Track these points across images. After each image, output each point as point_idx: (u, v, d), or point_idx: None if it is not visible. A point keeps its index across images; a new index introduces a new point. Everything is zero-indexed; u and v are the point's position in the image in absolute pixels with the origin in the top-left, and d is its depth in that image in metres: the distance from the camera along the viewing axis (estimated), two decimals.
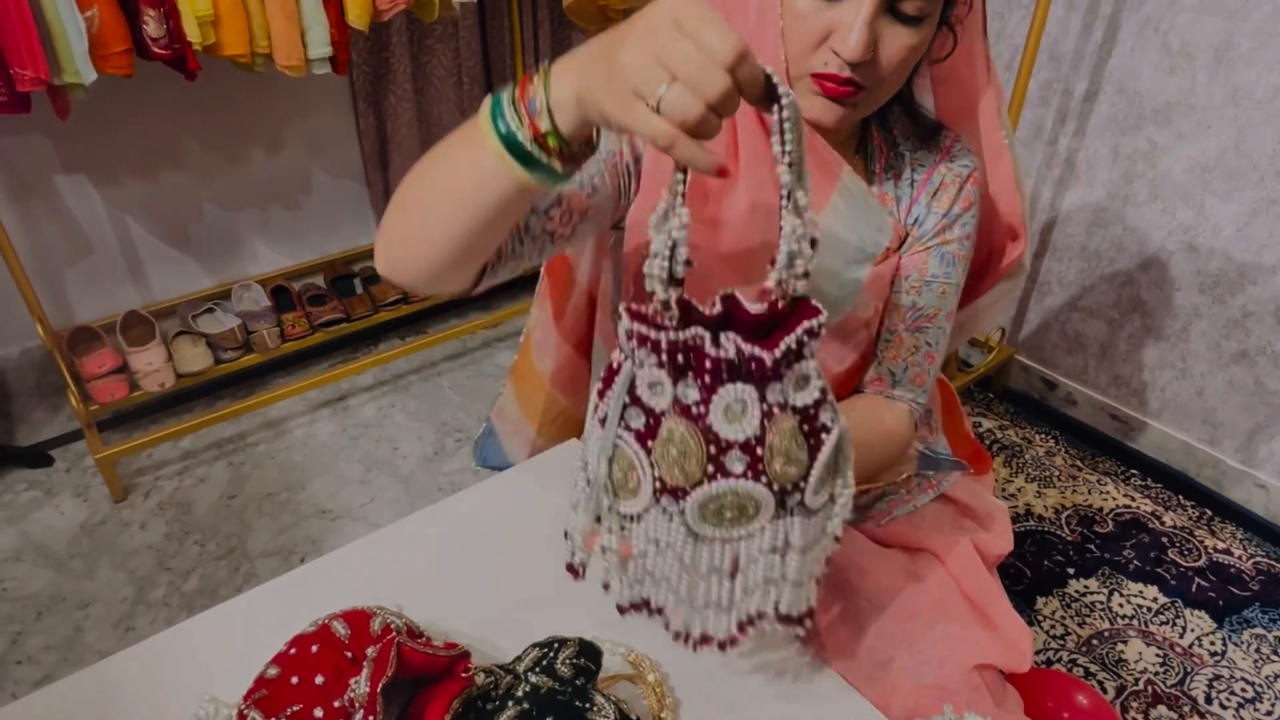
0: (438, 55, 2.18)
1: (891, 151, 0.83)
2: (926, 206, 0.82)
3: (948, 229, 0.82)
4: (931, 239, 0.83)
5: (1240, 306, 1.66)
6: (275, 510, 1.74)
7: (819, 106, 0.70)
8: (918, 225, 0.83)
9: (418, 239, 0.62)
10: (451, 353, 2.26)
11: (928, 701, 0.71)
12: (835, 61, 0.67)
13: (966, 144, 0.85)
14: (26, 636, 1.47)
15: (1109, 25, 1.69)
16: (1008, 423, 2.03)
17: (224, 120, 1.97)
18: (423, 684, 0.62)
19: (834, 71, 0.68)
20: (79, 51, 1.38)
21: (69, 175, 1.83)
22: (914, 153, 0.83)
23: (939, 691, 0.72)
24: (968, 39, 0.78)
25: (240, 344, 1.92)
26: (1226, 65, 1.55)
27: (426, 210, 0.61)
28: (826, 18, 0.67)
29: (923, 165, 0.83)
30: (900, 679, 0.73)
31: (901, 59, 0.68)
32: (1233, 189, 1.61)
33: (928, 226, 0.82)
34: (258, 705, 0.57)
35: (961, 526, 0.94)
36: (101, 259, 1.94)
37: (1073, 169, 1.85)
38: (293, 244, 2.22)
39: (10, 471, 1.81)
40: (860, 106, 0.71)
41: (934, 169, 0.83)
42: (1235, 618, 1.54)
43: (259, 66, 1.61)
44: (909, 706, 0.71)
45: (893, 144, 0.84)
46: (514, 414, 1.10)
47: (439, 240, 0.61)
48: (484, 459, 1.15)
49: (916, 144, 0.84)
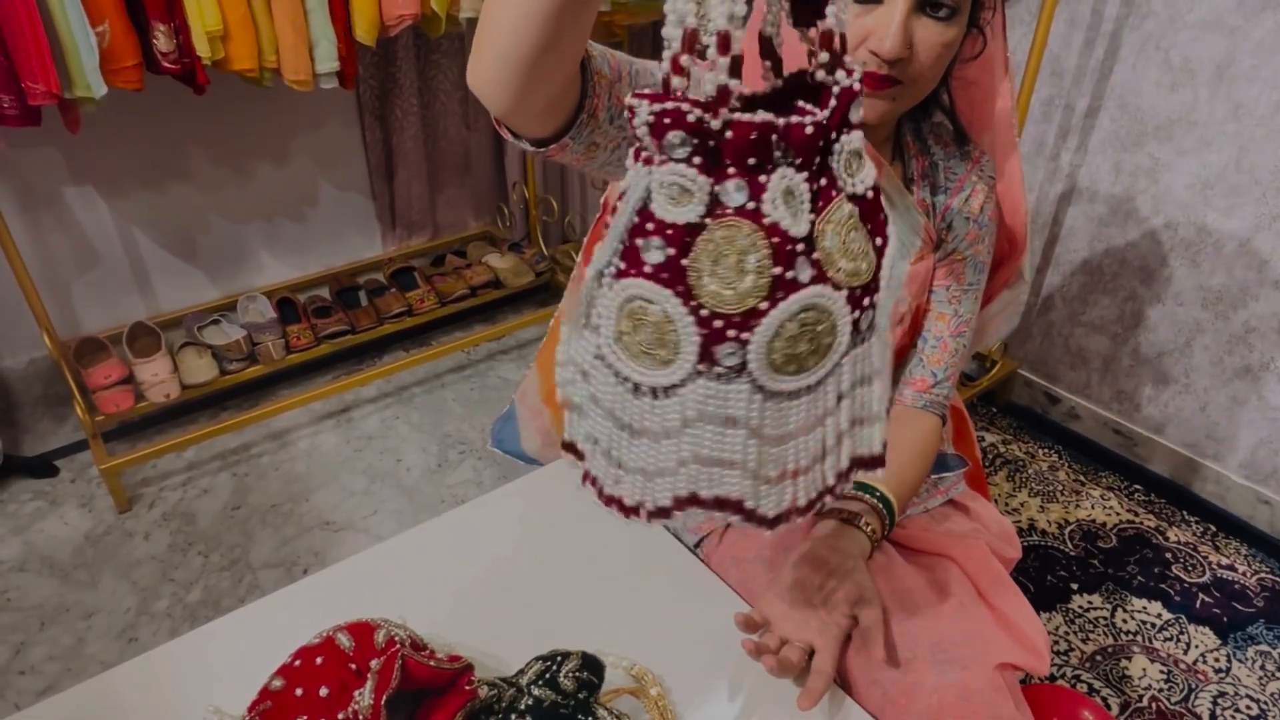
0: (444, 70, 2.20)
1: (925, 158, 0.89)
2: (958, 211, 0.88)
3: (979, 239, 0.89)
4: (967, 248, 0.88)
5: (1243, 322, 1.66)
6: (279, 521, 1.74)
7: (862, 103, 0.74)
8: (950, 230, 0.89)
9: (491, 39, 0.55)
10: (455, 365, 2.26)
11: (950, 701, 0.71)
12: (874, 61, 0.72)
13: (989, 154, 0.90)
14: (30, 646, 1.47)
15: (1110, 42, 1.70)
16: (1010, 437, 2.02)
17: (231, 133, 1.99)
18: (426, 696, 0.62)
19: (872, 69, 0.73)
20: (90, 66, 1.40)
21: (78, 187, 1.85)
22: (946, 160, 0.89)
23: (961, 690, 0.72)
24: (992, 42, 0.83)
25: (245, 355, 1.93)
26: (1228, 82, 1.56)
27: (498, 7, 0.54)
28: (863, 23, 0.72)
29: (954, 173, 0.89)
30: (923, 678, 0.73)
31: (937, 54, 0.74)
32: (1235, 205, 1.61)
33: (960, 232, 0.89)
34: (262, 717, 0.58)
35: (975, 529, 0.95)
36: (108, 270, 1.96)
37: (1075, 184, 1.86)
38: (298, 256, 2.23)
39: (15, 481, 1.82)
40: (900, 100, 0.76)
41: (965, 176, 0.89)
42: (1240, 634, 1.53)
43: (267, 81, 1.62)
44: (932, 706, 0.71)
45: (926, 150, 0.89)
46: (534, 399, 1.10)
47: (507, 37, 0.53)
48: (499, 441, 1.15)
49: (950, 151, 0.90)
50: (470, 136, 2.36)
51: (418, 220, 2.38)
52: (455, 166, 2.39)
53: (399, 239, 2.38)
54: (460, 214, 2.49)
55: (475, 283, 2.26)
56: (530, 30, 0.51)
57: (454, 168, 2.39)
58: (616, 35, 2.14)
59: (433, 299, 2.19)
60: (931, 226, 0.88)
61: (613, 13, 1.95)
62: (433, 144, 2.30)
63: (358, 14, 1.63)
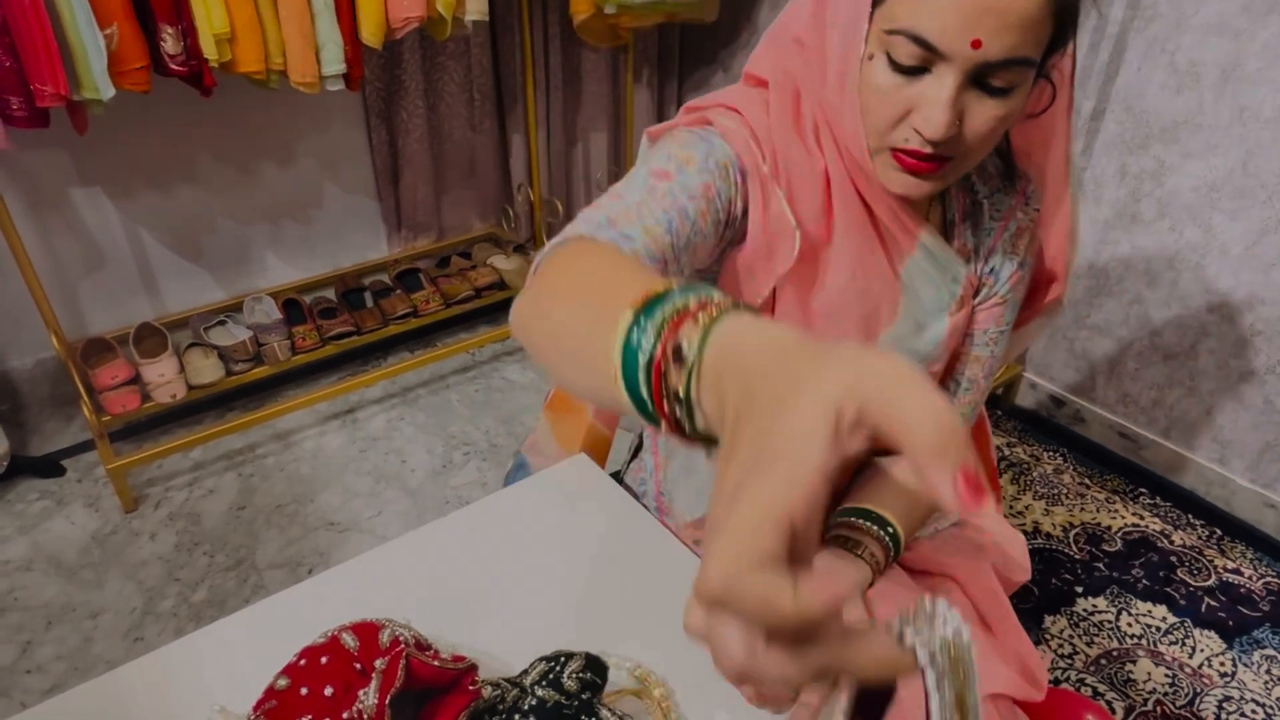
0: (449, 72, 2.21)
1: (968, 198, 0.81)
2: (1003, 254, 0.81)
3: (1021, 280, 0.82)
4: (1009, 292, 0.82)
5: (1249, 325, 1.66)
6: (284, 522, 1.75)
7: (901, 182, 0.68)
8: (994, 275, 0.82)
9: (545, 363, 0.53)
10: (460, 366, 2.27)
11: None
12: (917, 138, 0.65)
13: (1036, 187, 0.82)
14: (36, 646, 1.48)
15: (1116, 45, 1.70)
16: (1016, 440, 2.02)
17: (237, 135, 2.00)
18: (429, 696, 0.62)
19: (916, 148, 0.65)
20: (98, 68, 1.41)
21: (85, 188, 1.86)
22: (990, 197, 0.81)
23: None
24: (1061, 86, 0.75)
25: (251, 356, 1.94)
26: (1233, 85, 1.56)
27: (554, 356, 0.51)
28: (908, 94, 0.64)
29: (999, 210, 0.81)
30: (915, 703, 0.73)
31: (989, 130, 0.65)
32: (1240, 208, 1.61)
33: (1004, 276, 0.81)
34: (268, 715, 0.58)
35: (982, 550, 0.94)
36: (115, 271, 1.97)
37: (1081, 187, 1.85)
38: (304, 257, 2.24)
39: (22, 481, 1.83)
40: (946, 178, 0.68)
41: (1010, 215, 0.81)
42: (1245, 638, 1.53)
43: (274, 83, 1.63)
44: None
45: (970, 189, 0.81)
46: (550, 449, 1.06)
47: (559, 379, 0.51)
48: None
49: (995, 185, 0.81)
50: (475, 139, 2.36)
51: (423, 222, 2.38)
52: (461, 168, 2.39)
53: (404, 240, 2.39)
54: (465, 216, 2.50)
55: (480, 284, 2.27)
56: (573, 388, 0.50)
57: (459, 170, 2.39)
58: (621, 38, 2.14)
59: (438, 300, 2.20)
60: (973, 275, 0.81)
61: (618, 15, 1.95)
62: (438, 146, 2.31)
63: (364, 16, 1.64)
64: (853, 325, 0.77)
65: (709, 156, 0.70)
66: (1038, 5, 0.59)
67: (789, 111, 0.73)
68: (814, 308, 0.77)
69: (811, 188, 0.73)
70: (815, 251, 0.75)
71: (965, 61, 0.61)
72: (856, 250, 0.75)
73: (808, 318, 0.78)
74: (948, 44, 0.60)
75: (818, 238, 0.75)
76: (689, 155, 0.70)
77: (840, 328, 0.77)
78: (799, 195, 0.73)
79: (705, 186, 0.69)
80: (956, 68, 0.61)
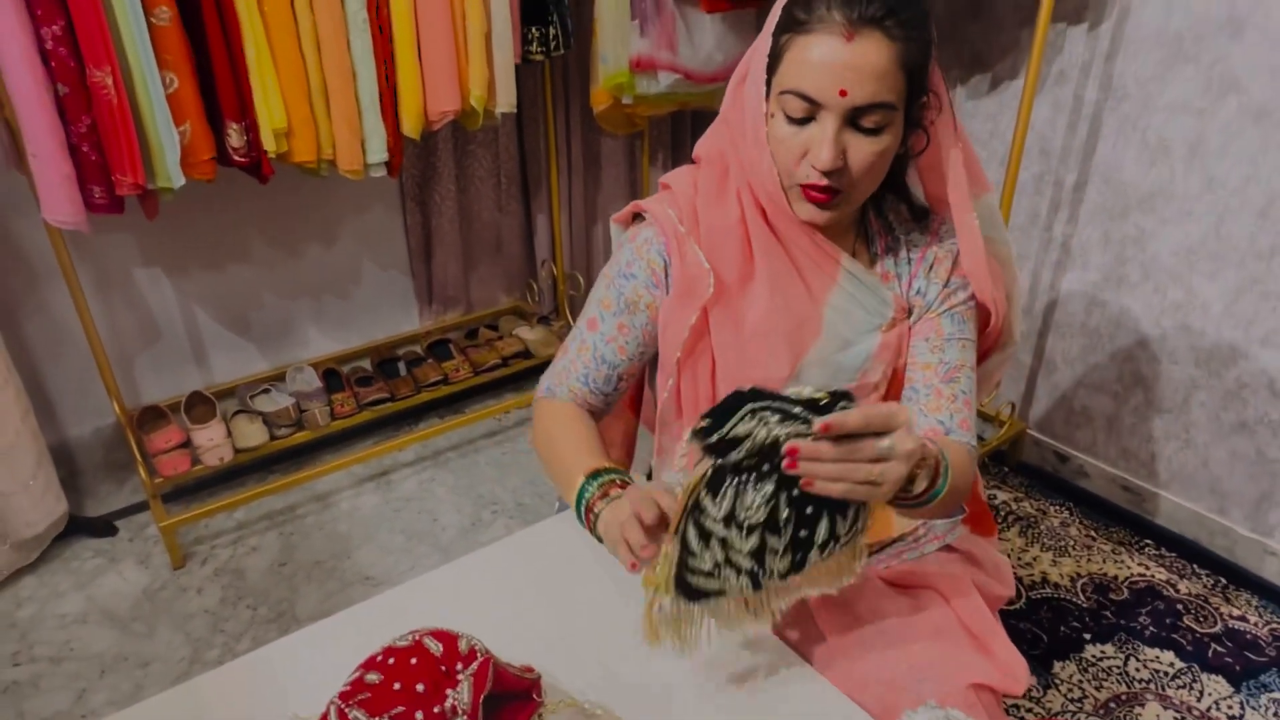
0: (479, 159, 2.39)
1: (888, 235, 0.97)
2: (926, 279, 0.95)
3: (951, 295, 0.95)
4: (940, 306, 0.95)
5: (1235, 379, 1.75)
6: (322, 577, 1.84)
7: (807, 211, 0.87)
8: (921, 296, 0.96)
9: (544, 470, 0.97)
10: (488, 431, 2.38)
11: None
12: (814, 173, 0.83)
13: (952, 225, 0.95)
14: (90, 693, 1.56)
15: (1092, 123, 1.84)
16: (1022, 495, 2.09)
17: (285, 218, 2.17)
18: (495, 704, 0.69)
19: (815, 180, 0.83)
20: (172, 160, 1.57)
21: (146, 268, 2.02)
22: (907, 235, 0.97)
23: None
24: (940, 136, 0.91)
25: (294, 421, 2.06)
26: (1200, 158, 1.69)
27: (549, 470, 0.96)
28: (802, 138, 0.82)
29: (915, 245, 0.97)
30: (900, 697, 0.81)
31: (870, 163, 0.82)
32: (1217, 269, 1.72)
33: (931, 296, 0.95)
34: (360, 705, 0.65)
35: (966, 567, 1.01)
36: (169, 344, 2.12)
37: (1068, 253, 1.97)
38: (342, 330, 2.39)
39: (78, 540, 1.94)
40: (842, 205, 0.86)
41: (926, 248, 0.96)
42: (1253, 683, 1.57)
43: (324, 171, 1.80)
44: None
45: (889, 228, 0.97)
46: None
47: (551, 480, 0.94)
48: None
49: (910, 227, 0.97)
50: (502, 219, 2.53)
51: (453, 296, 2.54)
52: (488, 246, 2.56)
53: (435, 314, 2.54)
54: (492, 290, 2.65)
55: (507, 353, 2.40)
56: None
57: (487, 247, 2.56)
58: (637, 125, 2.31)
59: (467, 369, 2.33)
60: (900, 296, 0.95)
61: (635, 106, 2.12)
62: (468, 226, 2.47)
63: (405, 110, 1.81)
64: (780, 342, 0.93)
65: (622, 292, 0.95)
66: (886, 60, 0.78)
67: (715, 181, 0.94)
68: (745, 330, 0.93)
69: (730, 238, 0.92)
70: (742, 285, 0.93)
71: (838, 107, 0.79)
72: (775, 281, 0.92)
73: (740, 340, 0.93)
74: (823, 96, 0.79)
75: (743, 274, 0.93)
76: (608, 298, 0.96)
77: (769, 344, 0.93)
78: (719, 246, 0.93)
79: (620, 327, 0.96)
80: (833, 113, 0.80)
